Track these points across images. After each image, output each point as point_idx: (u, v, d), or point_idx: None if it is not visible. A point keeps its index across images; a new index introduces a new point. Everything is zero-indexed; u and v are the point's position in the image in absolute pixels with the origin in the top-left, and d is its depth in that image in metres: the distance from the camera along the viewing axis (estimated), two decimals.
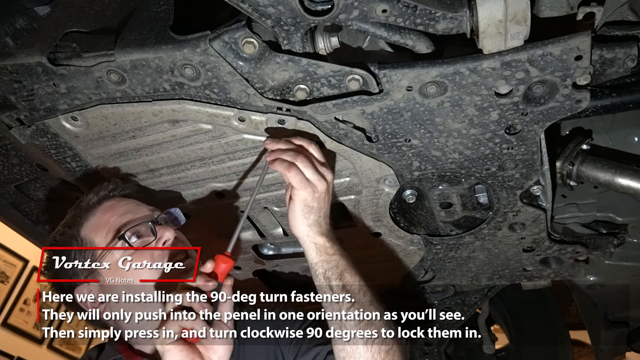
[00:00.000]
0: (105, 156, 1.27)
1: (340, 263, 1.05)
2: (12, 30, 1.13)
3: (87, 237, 1.15)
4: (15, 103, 1.16)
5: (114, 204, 1.20)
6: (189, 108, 1.09)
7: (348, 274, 1.04)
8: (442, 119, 1.03)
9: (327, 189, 1.07)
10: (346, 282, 1.03)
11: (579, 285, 1.68)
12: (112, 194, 1.22)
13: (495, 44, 0.89)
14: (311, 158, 1.06)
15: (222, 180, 1.30)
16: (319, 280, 1.05)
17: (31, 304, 4.48)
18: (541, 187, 1.19)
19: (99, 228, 1.16)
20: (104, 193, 1.21)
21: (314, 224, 1.06)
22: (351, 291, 1.03)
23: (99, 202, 1.20)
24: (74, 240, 1.15)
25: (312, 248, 1.06)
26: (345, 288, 1.03)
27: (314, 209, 1.06)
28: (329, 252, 1.06)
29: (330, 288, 1.03)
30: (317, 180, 1.04)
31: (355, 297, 1.02)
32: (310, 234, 1.06)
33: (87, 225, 1.17)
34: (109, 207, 1.19)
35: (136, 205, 1.22)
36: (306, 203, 1.05)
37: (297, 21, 0.93)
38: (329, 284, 1.03)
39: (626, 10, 1.03)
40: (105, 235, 1.14)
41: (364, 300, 1.02)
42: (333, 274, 1.04)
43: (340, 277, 1.04)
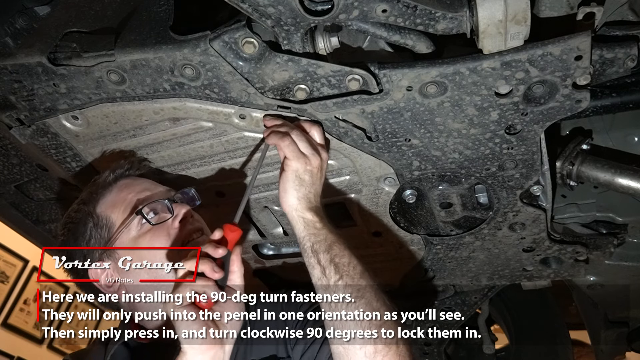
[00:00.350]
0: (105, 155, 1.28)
1: (329, 237, 1.01)
2: (12, 30, 1.13)
3: (103, 214, 1.15)
4: (15, 103, 1.16)
5: (130, 182, 1.20)
6: (190, 106, 1.09)
7: (337, 247, 1.00)
8: (442, 118, 1.03)
9: (321, 165, 1.06)
10: (334, 254, 0.99)
11: (579, 285, 1.68)
12: (129, 172, 1.21)
13: (495, 44, 0.90)
14: (307, 134, 1.05)
15: (223, 178, 1.30)
16: (307, 255, 1.02)
17: (31, 304, 4.48)
18: (541, 187, 1.19)
19: (115, 205, 1.15)
20: (121, 171, 1.20)
21: (304, 198, 1.04)
22: (340, 264, 0.99)
23: (115, 180, 1.19)
24: (90, 217, 1.15)
25: (299, 222, 1.04)
26: (333, 261, 0.99)
27: (305, 182, 1.04)
28: (317, 227, 1.03)
29: (318, 262, 1.00)
30: (310, 154, 1.04)
31: (344, 270, 0.98)
32: (298, 207, 1.04)
33: (104, 202, 1.16)
34: (126, 185, 1.19)
35: (152, 184, 1.21)
36: (297, 174, 1.04)
37: (297, 21, 0.93)
38: (317, 257, 1.00)
39: (626, 10, 1.03)
40: (123, 212, 1.14)
41: (353, 273, 0.98)
42: (321, 246, 1.00)
43: (329, 250, 1.00)
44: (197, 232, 1.15)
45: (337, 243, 1.01)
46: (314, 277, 1.01)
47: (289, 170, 1.04)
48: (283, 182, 1.05)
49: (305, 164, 1.04)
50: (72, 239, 1.15)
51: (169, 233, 1.11)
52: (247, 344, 1.11)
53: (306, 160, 1.04)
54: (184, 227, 1.14)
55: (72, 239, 1.15)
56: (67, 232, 1.17)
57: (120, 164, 1.21)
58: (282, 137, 1.03)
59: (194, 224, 1.16)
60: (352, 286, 0.97)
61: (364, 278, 0.99)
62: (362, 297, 0.97)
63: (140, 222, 1.12)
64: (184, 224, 1.14)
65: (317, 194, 1.07)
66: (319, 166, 1.06)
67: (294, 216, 1.05)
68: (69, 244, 1.15)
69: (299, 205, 1.04)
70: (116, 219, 1.14)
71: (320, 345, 1.07)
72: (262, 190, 1.33)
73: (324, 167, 1.08)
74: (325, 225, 1.03)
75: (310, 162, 1.04)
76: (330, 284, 0.98)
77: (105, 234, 1.13)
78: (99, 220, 1.14)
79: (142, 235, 1.11)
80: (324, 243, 1.01)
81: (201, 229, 1.17)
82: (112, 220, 1.14)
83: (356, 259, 1.01)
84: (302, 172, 1.04)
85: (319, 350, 1.07)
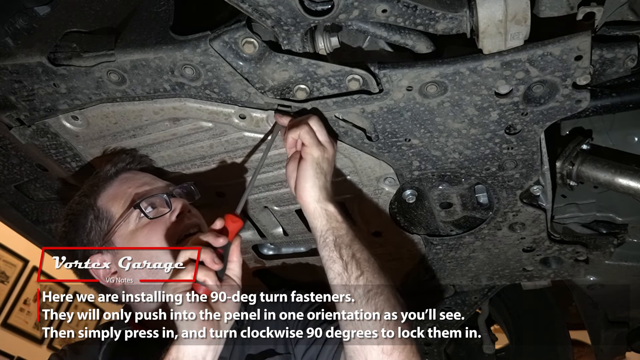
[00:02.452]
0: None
1: (350, 231, 1.01)
2: (12, 30, 1.13)
3: (104, 207, 1.16)
4: (16, 103, 1.16)
5: (131, 176, 1.21)
6: (190, 106, 1.09)
7: (357, 242, 1.01)
8: (442, 118, 1.03)
9: (334, 156, 1.06)
10: (355, 250, 0.99)
11: (579, 285, 1.68)
12: (130, 166, 1.23)
13: (495, 44, 0.90)
14: (322, 124, 1.04)
15: (223, 179, 1.30)
16: (328, 249, 1.00)
17: (31, 304, 4.48)
18: (541, 187, 1.19)
19: (116, 198, 1.16)
20: (122, 165, 1.21)
21: (324, 187, 1.02)
22: (361, 259, 0.99)
23: (116, 174, 1.20)
24: (91, 209, 1.16)
25: (322, 215, 1.01)
26: (355, 256, 0.99)
27: (324, 171, 1.03)
28: (339, 220, 1.02)
29: (341, 257, 0.99)
30: (327, 142, 1.03)
31: (364, 266, 0.98)
32: (320, 198, 1.02)
33: (105, 195, 1.18)
34: (127, 179, 1.20)
35: (152, 178, 1.22)
36: (318, 162, 1.02)
37: (297, 21, 0.93)
38: (339, 252, 0.99)
39: (626, 10, 1.03)
40: (122, 205, 1.15)
41: (372, 269, 0.99)
42: (343, 240, 1.00)
43: (351, 244, 1.00)
44: (194, 227, 1.16)
45: (357, 238, 1.01)
46: (333, 271, 0.99)
47: (309, 159, 1.02)
48: (303, 171, 1.02)
49: (323, 151, 1.03)
50: (73, 230, 1.17)
51: (166, 227, 1.12)
52: (244, 344, 1.11)
53: (324, 148, 1.03)
54: (181, 221, 1.15)
55: (72, 230, 1.17)
56: (69, 223, 1.18)
57: (122, 158, 1.22)
58: (301, 124, 1.02)
59: (191, 218, 1.17)
60: (372, 283, 0.98)
61: (381, 275, 0.99)
62: (381, 294, 0.97)
63: (139, 215, 1.13)
64: (181, 219, 1.15)
65: (331, 184, 1.06)
66: (333, 156, 1.05)
67: (316, 208, 1.02)
68: (69, 234, 1.17)
69: (320, 196, 1.02)
70: (116, 211, 1.15)
71: (322, 345, 1.07)
72: (262, 190, 1.33)
73: (334, 159, 1.07)
74: (345, 219, 1.03)
75: (327, 150, 1.03)
76: (352, 280, 0.98)
77: (105, 226, 1.14)
78: (100, 212, 1.16)
79: (140, 228, 1.13)
80: (347, 237, 1.00)
81: (198, 224, 1.17)
82: (111, 213, 1.15)
83: (373, 256, 1.01)
84: (321, 160, 1.02)
85: (321, 350, 1.07)
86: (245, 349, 1.12)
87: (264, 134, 1.14)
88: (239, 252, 0.99)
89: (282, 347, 1.12)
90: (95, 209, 1.16)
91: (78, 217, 1.17)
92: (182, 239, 1.13)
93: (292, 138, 1.03)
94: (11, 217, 1.55)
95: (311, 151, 1.02)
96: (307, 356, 1.09)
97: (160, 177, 1.25)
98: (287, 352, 1.11)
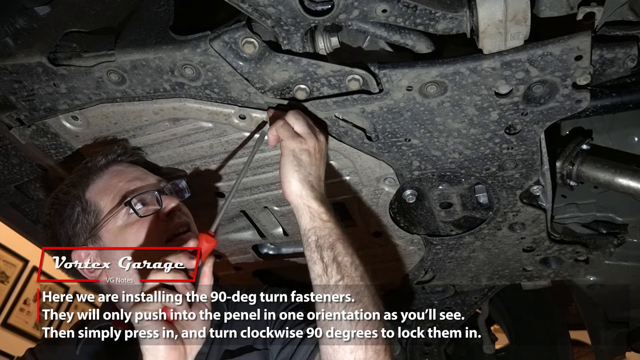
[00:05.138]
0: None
1: (334, 232, 0.98)
2: (12, 30, 1.13)
3: (92, 199, 1.13)
4: (15, 103, 1.16)
5: (122, 169, 1.18)
6: (190, 106, 1.09)
7: (340, 244, 0.98)
8: (442, 118, 1.03)
9: (318, 147, 1.03)
10: (338, 252, 0.97)
11: (579, 285, 1.68)
12: (121, 158, 1.19)
13: (495, 44, 0.90)
14: (304, 117, 1.03)
15: (223, 179, 1.30)
16: (310, 250, 0.98)
17: (31, 304, 4.48)
18: (541, 187, 1.19)
19: (105, 191, 1.14)
20: (113, 157, 1.18)
21: (305, 180, 1.00)
22: (342, 263, 0.97)
23: (106, 166, 1.17)
24: (78, 200, 1.13)
25: (305, 212, 0.99)
26: (336, 259, 0.96)
27: (303, 163, 1.00)
28: (323, 219, 0.99)
29: (321, 259, 0.97)
30: (306, 134, 1.01)
31: (345, 270, 0.96)
32: (302, 193, 0.99)
33: (94, 187, 1.15)
34: (117, 172, 1.17)
35: (144, 173, 1.20)
36: (294, 154, 1.00)
37: (297, 21, 0.93)
38: (320, 253, 0.97)
39: (626, 10, 1.03)
40: (112, 200, 1.12)
41: (354, 274, 0.96)
42: (325, 242, 0.97)
43: (333, 247, 0.97)
44: (184, 226, 1.15)
45: (341, 239, 0.99)
46: (313, 272, 0.98)
47: (285, 152, 1.01)
48: (282, 167, 1.01)
49: (300, 143, 1.00)
50: (59, 221, 1.14)
51: (156, 225, 1.11)
52: (222, 343, 1.11)
53: (301, 139, 1.01)
54: (171, 220, 1.13)
55: (58, 221, 1.14)
56: (54, 212, 1.15)
57: (112, 149, 1.19)
58: (278, 121, 1.01)
59: (182, 217, 1.16)
60: (351, 288, 0.96)
61: (363, 280, 0.97)
62: (359, 301, 0.95)
63: (128, 212, 1.11)
64: (172, 218, 1.14)
65: (319, 177, 1.03)
66: (315, 147, 1.02)
67: (299, 204, 1.00)
68: (54, 224, 1.14)
69: (302, 191, 0.99)
70: (104, 206, 1.12)
71: (297, 345, 1.07)
72: (262, 190, 1.33)
73: (323, 150, 1.04)
74: (331, 218, 1.00)
75: (305, 141, 1.01)
76: (331, 284, 0.96)
77: (92, 220, 1.12)
78: (87, 205, 1.13)
79: (128, 225, 1.10)
80: (329, 238, 0.98)
81: (187, 224, 1.16)
82: (100, 207, 1.12)
83: (358, 259, 0.99)
84: (298, 151, 1.00)
85: (296, 350, 1.06)
86: (223, 345, 1.11)
87: (264, 134, 1.14)
88: (210, 274, 0.96)
89: (260, 344, 1.12)
90: (83, 201, 1.13)
91: (64, 208, 1.13)
92: (171, 238, 1.11)
93: (272, 135, 1.02)
94: (11, 217, 1.55)
95: (286, 144, 1.00)
96: (282, 356, 1.08)
97: (152, 172, 1.22)
98: (265, 348, 1.11)
